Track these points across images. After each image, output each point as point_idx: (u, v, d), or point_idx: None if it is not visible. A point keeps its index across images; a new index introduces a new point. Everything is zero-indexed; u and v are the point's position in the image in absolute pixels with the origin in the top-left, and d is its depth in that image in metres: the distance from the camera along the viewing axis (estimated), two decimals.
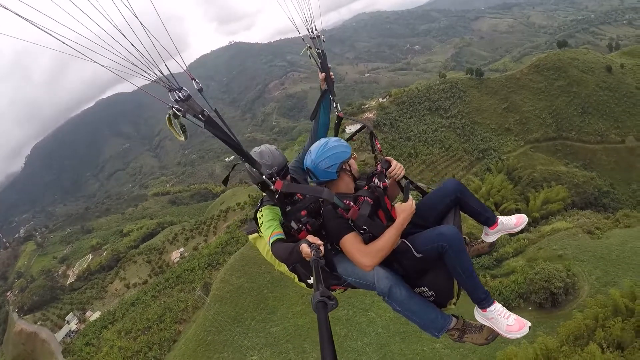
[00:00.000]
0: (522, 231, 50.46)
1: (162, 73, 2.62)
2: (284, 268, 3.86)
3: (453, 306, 3.69)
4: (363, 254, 3.35)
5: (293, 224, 3.65)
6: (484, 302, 3.48)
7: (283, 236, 3.50)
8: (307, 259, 2.92)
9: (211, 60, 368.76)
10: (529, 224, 56.15)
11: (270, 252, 3.65)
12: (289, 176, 3.93)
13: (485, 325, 3.57)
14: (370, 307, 37.88)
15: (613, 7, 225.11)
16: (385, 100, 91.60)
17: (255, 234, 4.00)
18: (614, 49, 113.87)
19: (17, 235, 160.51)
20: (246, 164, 3.44)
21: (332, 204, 3.41)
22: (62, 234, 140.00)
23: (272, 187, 3.44)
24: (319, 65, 4.38)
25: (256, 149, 3.94)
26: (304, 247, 2.96)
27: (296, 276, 3.84)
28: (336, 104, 4.39)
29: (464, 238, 3.90)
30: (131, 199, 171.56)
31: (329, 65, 4.43)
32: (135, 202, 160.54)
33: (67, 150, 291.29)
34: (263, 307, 43.49)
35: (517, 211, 56.28)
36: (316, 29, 4.34)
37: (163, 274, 71.29)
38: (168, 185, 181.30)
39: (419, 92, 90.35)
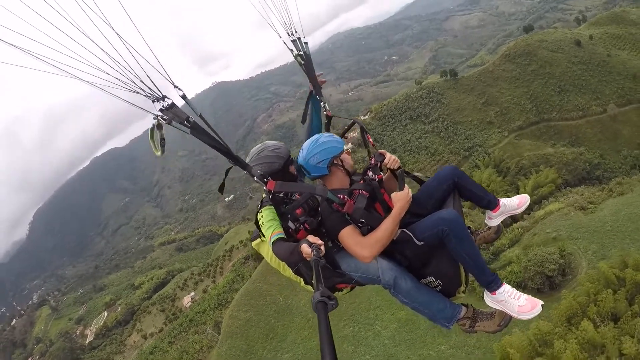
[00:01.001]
0: (515, 220, 50.72)
1: (143, 84, 2.66)
2: (289, 272, 3.77)
3: (462, 294, 3.68)
4: (361, 246, 3.35)
5: (290, 224, 3.61)
6: (492, 285, 3.43)
7: (284, 235, 3.48)
8: (308, 259, 2.93)
9: (197, 103, 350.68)
10: (522, 212, 56.48)
11: (273, 258, 3.71)
12: (292, 167, 3.95)
13: (496, 311, 3.54)
14: (374, 321, 37.98)
15: None
16: (367, 117, 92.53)
17: (258, 240, 3.97)
18: (582, 21, 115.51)
19: (30, 302, 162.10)
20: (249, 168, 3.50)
21: (327, 199, 3.46)
22: (75, 295, 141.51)
23: (264, 187, 3.47)
24: (304, 68, 4.41)
25: (257, 147, 4.06)
26: (304, 247, 2.96)
27: (302, 279, 3.76)
28: (324, 103, 4.43)
29: (469, 227, 3.93)
30: (138, 251, 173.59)
31: (319, 73, 4.51)
32: (143, 254, 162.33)
33: (69, 212, 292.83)
34: (272, 337, 43.74)
35: None
36: (296, 32, 4.31)
37: (177, 320, 72.31)
38: (173, 233, 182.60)
39: (398, 103, 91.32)
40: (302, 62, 4.40)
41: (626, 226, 35.62)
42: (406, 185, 3.58)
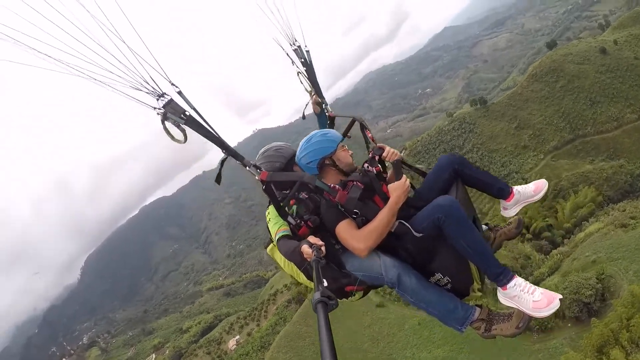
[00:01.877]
0: (555, 245, 48.82)
1: (147, 83, 2.91)
2: (303, 278, 3.67)
3: (478, 293, 3.71)
4: (356, 238, 3.26)
5: (290, 219, 3.59)
6: (501, 278, 3.14)
7: (289, 233, 3.51)
8: (308, 260, 2.91)
9: (240, 151, 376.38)
10: (562, 237, 54.73)
11: (286, 263, 3.65)
12: (296, 167, 3.95)
13: (514, 312, 3.21)
14: None
15: None
16: (402, 154, 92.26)
17: (272, 245, 3.88)
18: (606, 27, 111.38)
19: (80, 343, 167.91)
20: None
21: (316, 187, 3.41)
22: (125, 338, 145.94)
23: (257, 177, 3.48)
24: (307, 80, 4.49)
25: (264, 147, 4.24)
26: (305, 248, 2.96)
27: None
28: (325, 105, 4.48)
29: (487, 224, 3.87)
30: (187, 297, 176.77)
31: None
32: (191, 299, 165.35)
33: (119, 258, 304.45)
34: None
35: (549, 228, 54.53)
36: (296, 40, 4.35)
37: None
38: (221, 278, 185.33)
39: (432, 137, 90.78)
40: (304, 70, 4.47)
41: None
42: (404, 175, 3.50)
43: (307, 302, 63.40)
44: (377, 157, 3.74)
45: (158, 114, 3.00)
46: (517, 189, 3.76)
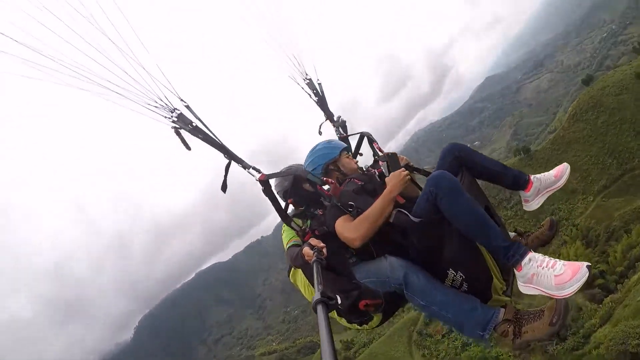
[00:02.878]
0: (609, 292, 44.60)
1: (160, 100, 3.27)
2: None
3: (505, 297, 3.01)
4: (348, 228, 3.17)
5: (294, 225, 3.64)
6: (512, 255, 2.70)
7: (299, 243, 3.53)
8: (309, 261, 2.85)
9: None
10: (615, 282, 49.86)
11: (306, 288, 3.73)
12: (307, 185, 3.90)
13: (545, 307, 2.70)
14: None
15: (624, 5, 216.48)
16: None
17: (292, 270, 3.90)
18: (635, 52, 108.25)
19: None
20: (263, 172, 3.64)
21: (308, 179, 3.53)
22: None
23: (256, 178, 3.54)
24: (318, 104, 4.78)
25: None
26: (306, 250, 2.99)
27: (342, 319, 3.52)
28: (337, 127, 4.69)
29: (516, 229, 3.57)
30: None
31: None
32: None
33: (174, 320, 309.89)
34: None
35: (602, 274, 50.04)
36: (307, 74, 4.65)
37: None
38: (274, 344, 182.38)
39: None
40: (316, 100, 4.74)
41: None
42: (402, 168, 3.44)
43: None
44: (381, 162, 3.74)
45: (172, 127, 3.34)
46: (536, 177, 3.49)
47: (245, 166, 3.53)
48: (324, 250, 2.86)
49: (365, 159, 4.40)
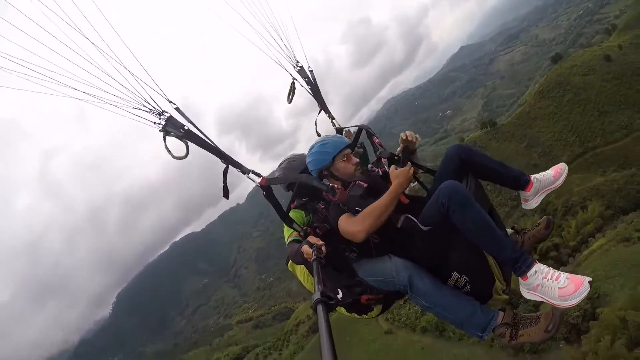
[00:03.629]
0: (562, 265, 47.75)
1: (147, 103, 3.05)
2: None
3: (504, 296, 3.14)
4: (353, 221, 3.12)
5: (296, 227, 3.54)
6: (519, 265, 2.80)
7: (299, 238, 3.49)
8: (309, 260, 2.88)
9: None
10: (568, 255, 52.95)
11: (306, 278, 3.73)
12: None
13: (542, 313, 2.85)
14: None
15: None
16: (415, 184, 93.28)
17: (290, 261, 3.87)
18: (612, 30, 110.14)
19: None
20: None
21: (312, 186, 3.41)
22: None
23: (257, 183, 3.44)
24: (311, 93, 4.49)
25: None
26: (305, 248, 2.98)
27: (342, 309, 3.60)
28: (332, 119, 4.49)
29: (513, 227, 3.63)
30: (217, 329, 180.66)
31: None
32: (221, 332, 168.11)
33: (150, 293, 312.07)
34: None
35: (555, 247, 52.98)
36: (298, 61, 4.34)
37: None
38: (250, 311, 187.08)
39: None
40: (309, 88, 4.47)
41: None
42: (409, 163, 3.41)
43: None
44: (383, 159, 3.78)
45: (160, 131, 3.14)
46: (535, 176, 3.52)
47: (244, 171, 3.44)
48: (323, 248, 2.88)
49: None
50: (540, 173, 3.55)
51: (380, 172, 3.74)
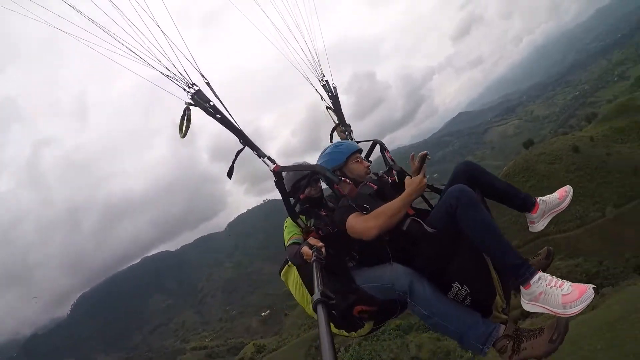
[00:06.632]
0: None
1: (180, 74, 3.17)
2: (310, 310, 3.52)
3: (503, 316, 3.02)
4: (367, 218, 3.11)
5: (300, 222, 3.60)
6: (523, 272, 2.70)
7: (300, 241, 3.47)
8: (309, 261, 2.81)
9: (248, 219, 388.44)
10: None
11: (297, 289, 3.67)
12: (317, 183, 3.89)
13: (545, 326, 2.66)
14: None
15: (602, 70, 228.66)
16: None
17: (285, 269, 3.85)
18: (592, 119, 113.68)
19: None
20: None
21: (326, 176, 3.43)
22: None
23: (270, 169, 3.49)
24: (333, 107, 4.64)
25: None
26: (305, 249, 2.94)
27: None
28: (350, 133, 4.57)
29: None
30: (172, 352, 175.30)
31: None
32: (174, 355, 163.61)
33: (114, 302, 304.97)
34: None
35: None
36: (324, 75, 4.51)
37: None
38: (207, 340, 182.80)
39: None
40: (331, 102, 4.66)
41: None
42: (424, 173, 3.40)
43: None
44: (394, 171, 3.87)
45: (187, 102, 3.24)
46: (541, 199, 3.48)
47: (260, 154, 3.51)
48: (323, 249, 2.84)
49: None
50: (546, 196, 3.54)
51: (390, 180, 3.80)
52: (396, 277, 3.05)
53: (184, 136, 3.27)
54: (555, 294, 2.58)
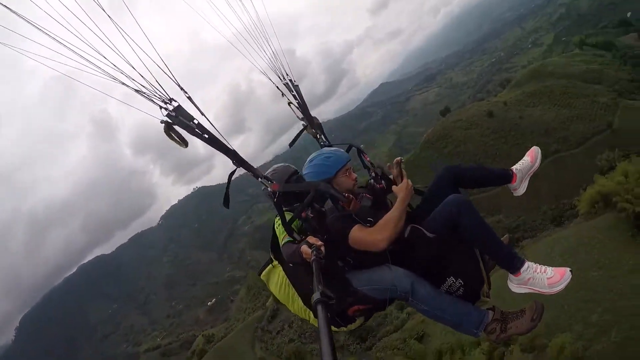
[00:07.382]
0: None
1: (155, 89, 2.77)
2: (297, 306, 3.69)
3: (487, 299, 3.45)
4: (374, 231, 3.25)
5: (296, 236, 3.45)
6: (514, 261, 3.19)
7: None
8: (308, 260, 2.85)
9: (180, 209, 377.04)
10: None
11: (281, 288, 3.73)
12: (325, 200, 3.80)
13: (525, 307, 3.22)
14: None
15: (517, 37, 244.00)
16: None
17: (267, 269, 3.90)
18: (506, 85, 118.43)
19: None
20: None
21: (331, 195, 3.37)
22: None
23: (269, 188, 3.43)
24: (298, 106, 4.49)
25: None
26: (304, 248, 2.97)
27: (311, 314, 3.66)
28: (320, 135, 4.56)
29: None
30: (125, 358, 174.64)
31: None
32: None
33: (57, 318, 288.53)
34: None
35: None
36: (287, 74, 4.36)
37: None
38: (159, 339, 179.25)
39: None
40: (296, 105, 4.49)
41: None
42: (405, 177, 3.66)
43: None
44: (379, 175, 3.98)
45: (162, 121, 2.88)
46: (515, 167, 3.84)
47: (257, 175, 3.43)
48: (322, 248, 2.86)
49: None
50: (519, 162, 3.90)
51: (379, 187, 3.90)
52: (398, 279, 3.29)
53: (186, 146, 3.03)
54: (541, 278, 3.14)
